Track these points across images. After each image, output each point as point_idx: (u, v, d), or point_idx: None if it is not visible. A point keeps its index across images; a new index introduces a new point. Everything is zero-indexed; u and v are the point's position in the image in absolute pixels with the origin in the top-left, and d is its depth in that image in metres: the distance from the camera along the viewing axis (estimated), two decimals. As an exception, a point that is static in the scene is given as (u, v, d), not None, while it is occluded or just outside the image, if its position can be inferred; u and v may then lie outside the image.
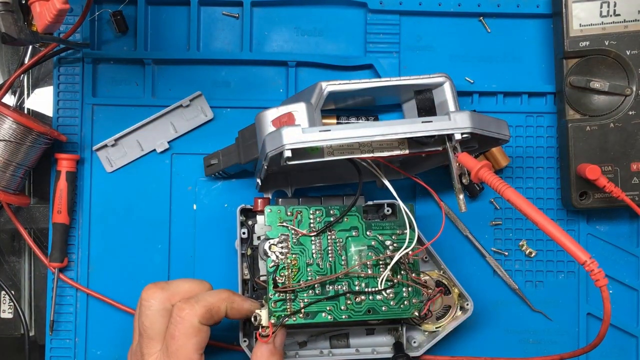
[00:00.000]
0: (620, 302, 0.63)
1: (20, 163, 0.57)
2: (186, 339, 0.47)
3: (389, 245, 0.53)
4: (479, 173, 0.46)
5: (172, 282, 0.51)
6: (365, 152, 0.51)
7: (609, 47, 0.59)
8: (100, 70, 0.62)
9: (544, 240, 0.63)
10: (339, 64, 0.62)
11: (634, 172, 0.59)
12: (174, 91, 0.62)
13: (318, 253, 0.52)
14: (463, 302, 0.58)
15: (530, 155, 0.63)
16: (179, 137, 0.62)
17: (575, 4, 0.59)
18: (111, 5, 0.62)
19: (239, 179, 0.62)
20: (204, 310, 0.48)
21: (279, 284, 0.51)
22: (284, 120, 0.51)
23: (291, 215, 0.53)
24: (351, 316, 0.52)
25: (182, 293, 0.50)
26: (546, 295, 0.63)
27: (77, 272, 0.61)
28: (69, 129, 0.61)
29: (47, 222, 0.63)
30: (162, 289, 0.50)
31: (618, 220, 0.63)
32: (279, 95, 0.62)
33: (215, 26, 0.63)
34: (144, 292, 0.50)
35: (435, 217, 0.62)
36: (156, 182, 0.62)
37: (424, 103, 0.57)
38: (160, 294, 0.50)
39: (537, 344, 0.62)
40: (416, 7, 0.62)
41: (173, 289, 0.50)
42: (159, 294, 0.50)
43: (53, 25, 0.44)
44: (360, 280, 0.52)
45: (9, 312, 0.64)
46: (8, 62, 0.64)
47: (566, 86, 0.60)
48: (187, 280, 0.52)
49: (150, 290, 0.50)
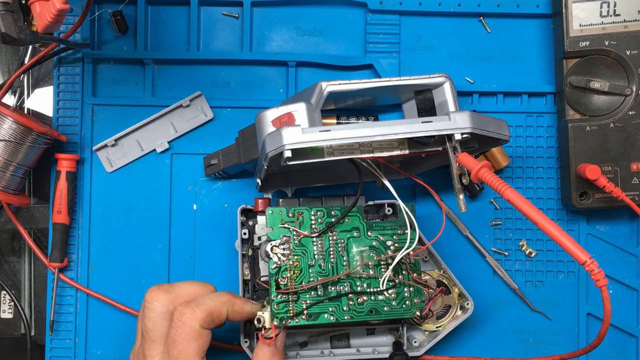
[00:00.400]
0: (620, 302, 0.63)
1: (20, 163, 0.57)
2: (187, 343, 0.47)
3: (390, 245, 0.53)
4: (479, 173, 0.46)
5: (175, 284, 0.51)
6: (365, 152, 0.51)
7: (609, 47, 0.59)
8: (100, 70, 0.62)
9: (544, 240, 0.63)
10: (339, 64, 0.62)
11: (634, 172, 0.59)
12: (174, 91, 0.62)
13: (320, 254, 0.52)
14: (463, 301, 0.58)
15: (530, 155, 0.63)
16: (179, 137, 0.62)
17: (575, 4, 0.59)
18: (111, 5, 0.62)
19: (239, 179, 0.62)
20: (204, 314, 0.48)
21: (282, 286, 0.51)
22: (284, 120, 0.51)
23: (292, 216, 0.53)
24: (353, 317, 0.52)
25: (185, 295, 0.50)
26: (546, 295, 0.63)
27: (77, 272, 0.61)
28: (69, 129, 0.61)
29: (47, 222, 0.63)
30: (166, 291, 0.50)
31: (618, 220, 0.63)
32: (279, 95, 0.62)
33: (215, 26, 0.63)
34: (148, 294, 0.50)
35: (436, 217, 0.62)
36: (156, 182, 0.62)
37: (424, 103, 0.57)
38: (163, 296, 0.49)
39: (537, 344, 0.63)
40: (416, 7, 0.62)
41: (177, 292, 0.50)
42: (162, 296, 0.49)
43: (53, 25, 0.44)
44: (362, 280, 0.52)
45: (9, 312, 0.64)
46: (8, 62, 0.64)
47: (566, 86, 0.60)
48: (191, 283, 0.51)
49: (153, 292, 0.50)
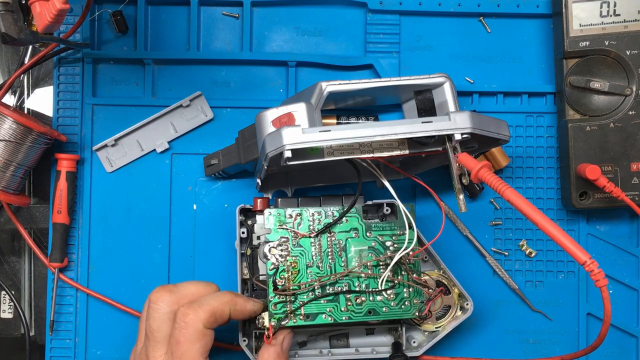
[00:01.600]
0: (620, 302, 0.63)
1: (20, 163, 0.57)
2: (191, 344, 0.47)
3: (389, 246, 0.53)
4: (479, 173, 0.46)
5: (179, 284, 0.51)
6: (365, 152, 0.51)
7: (609, 47, 0.59)
8: (100, 70, 0.62)
9: (544, 240, 0.63)
10: (339, 64, 0.62)
11: (634, 172, 0.59)
12: (174, 91, 0.62)
13: (318, 255, 0.52)
14: (463, 302, 0.58)
15: (530, 155, 0.63)
16: (179, 137, 0.62)
17: (575, 4, 0.59)
18: (111, 5, 0.62)
19: (239, 179, 0.62)
20: (207, 314, 0.48)
21: (279, 286, 0.51)
22: (284, 120, 0.51)
23: (291, 217, 0.53)
24: (352, 317, 0.52)
25: (189, 296, 0.50)
26: (546, 295, 0.63)
27: (77, 272, 0.61)
28: (69, 129, 0.61)
29: (47, 222, 0.63)
30: (170, 291, 0.50)
31: (618, 220, 0.63)
32: (279, 95, 0.62)
33: (215, 26, 0.63)
34: (152, 294, 0.50)
35: (435, 217, 0.62)
36: (156, 182, 0.62)
37: (424, 103, 0.57)
38: (168, 297, 0.49)
39: (537, 344, 0.62)
40: (416, 7, 0.62)
41: (181, 292, 0.50)
42: (167, 296, 0.49)
43: (53, 25, 0.44)
44: (360, 281, 0.52)
45: (9, 312, 0.64)
46: (8, 62, 0.64)
47: (566, 86, 0.60)
48: (195, 283, 0.51)
49: (158, 292, 0.50)
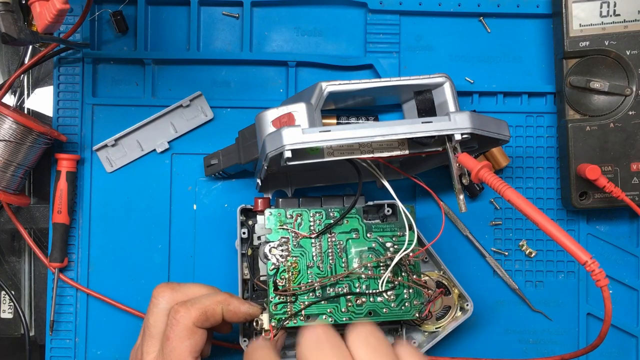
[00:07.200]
0: (620, 302, 0.63)
1: (20, 163, 0.57)
2: (180, 341, 0.47)
3: (389, 247, 0.53)
4: (479, 173, 0.46)
5: (184, 284, 0.51)
6: (365, 152, 0.51)
7: (609, 47, 0.59)
8: (100, 70, 0.62)
9: (544, 240, 0.63)
10: (339, 64, 0.62)
11: (634, 172, 0.59)
12: (174, 91, 0.62)
13: (318, 255, 0.52)
14: (463, 302, 0.58)
15: (530, 155, 0.63)
16: (179, 137, 0.62)
17: (575, 4, 0.59)
18: (111, 5, 0.62)
19: (239, 179, 0.62)
20: (198, 312, 0.48)
21: (279, 287, 0.51)
22: (284, 120, 0.51)
23: (291, 218, 0.53)
24: (352, 318, 0.52)
25: (190, 296, 0.50)
26: (546, 295, 0.63)
27: (77, 272, 0.61)
28: (69, 129, 0.61)
29: (47, 222, 0.63)
30: (173, 289, 0.50)
31: (618, 220, 0.63)
32: (279, 95, 0.62)
33: (215, 26, 0.63)
34: (155, 290, 0.50)
35: (436, 218, 0.62)
36: (156, 182, 0.62)
37: (424, 103, 0.57)
38: (169, 294, 0.50)
39: (537, 344, 0.62)
40: (416, 7, 0.62)
41: (183, 291, 0.50)
42: (168, 293, 0.50)
43: (53, 25, 0.44)
44: (361, 282, 0.52)
45: (9, 312, 0.64)
46: (8, 62, 0.64)
47: (566, 86, 0.60)
48: (199, 285, 0.52)
49: (160, 288, 0.50)
